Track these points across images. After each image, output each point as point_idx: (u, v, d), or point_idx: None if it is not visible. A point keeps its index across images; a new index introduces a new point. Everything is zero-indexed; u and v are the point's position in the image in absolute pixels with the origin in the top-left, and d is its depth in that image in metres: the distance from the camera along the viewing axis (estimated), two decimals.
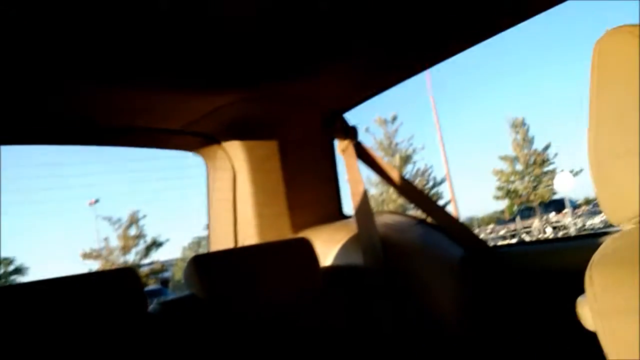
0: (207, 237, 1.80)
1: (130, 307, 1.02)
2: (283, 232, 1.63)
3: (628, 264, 0.60)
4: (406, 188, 1.63)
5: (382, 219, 1.56)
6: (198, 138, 1.60)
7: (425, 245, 1.52)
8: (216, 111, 1.45)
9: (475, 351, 1.40)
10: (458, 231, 1.58)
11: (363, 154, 1.59)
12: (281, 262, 1.26)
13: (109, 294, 1.00)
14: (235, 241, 1.66)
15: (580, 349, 1.02)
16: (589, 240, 1.41)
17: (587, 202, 22.35)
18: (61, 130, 1.40)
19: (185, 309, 1.12)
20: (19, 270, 18.66)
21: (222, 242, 1.69)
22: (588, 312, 0.64)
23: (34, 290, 0.95)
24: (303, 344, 1.21)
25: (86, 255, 19.13)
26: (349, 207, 1.70)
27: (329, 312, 1.31)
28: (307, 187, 1.70)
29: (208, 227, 1.76)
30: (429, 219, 1.62)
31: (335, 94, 1.57)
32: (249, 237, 1.62)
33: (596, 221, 18.12)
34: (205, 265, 1.16)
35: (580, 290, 0.65)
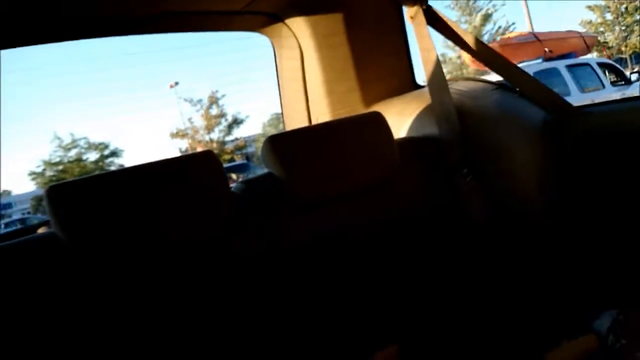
0: (281, 117, 1.81)
1: (213, 186, 1.07)
2: (355, 107, 1.61)
3: None
4: (482, 52, 1.52)
5: (457, 87, 1.49)
6: (260, 17, 1.56)
7: (503, 111, 1.45)
8: None
9: (560, 226, 1.37)
10: (540, 93, 1.49)
11: (434, 19, 1.49)
12: (355, 137, 1.26)
13: (193, 176, 1.05)
14: (309, 119, 1.67)
15: None
16: None
17: None
18: (121, 21, 1.39)
19: (264, 188, 1.16)
20: (114, 154, 20.20)
21: (296, 121, 1.70)
22: None
23: (122, 177, 1.02)
24: (382, 218, 1.24)
25: (174, 135, 20.35)
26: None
27: (407, 186, 1.31)
28: (377, 59, 1.64)
29: (281, 106, 1.77)
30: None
31: None
32: (322, 114, 1.62)
33: None
34: (281, 144, 1.18)
35: None
